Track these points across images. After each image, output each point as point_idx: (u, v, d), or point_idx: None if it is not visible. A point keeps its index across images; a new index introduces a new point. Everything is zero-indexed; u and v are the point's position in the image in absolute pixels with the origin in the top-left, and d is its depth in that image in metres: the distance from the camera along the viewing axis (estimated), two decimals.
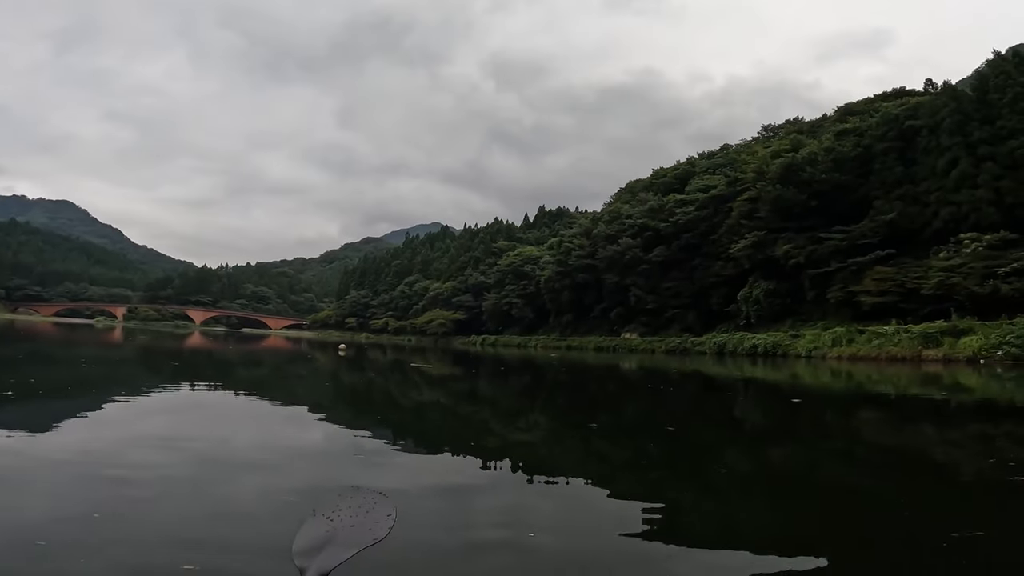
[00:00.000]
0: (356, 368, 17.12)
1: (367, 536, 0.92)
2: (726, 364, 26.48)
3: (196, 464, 3.78)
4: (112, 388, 8.35)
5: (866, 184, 38.46)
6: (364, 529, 0.94)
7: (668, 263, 52.11)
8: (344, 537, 0.91)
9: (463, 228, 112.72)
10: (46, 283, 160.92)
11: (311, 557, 0.85)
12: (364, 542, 0.90)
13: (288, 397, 8.88)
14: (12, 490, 2.95)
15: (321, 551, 0.86)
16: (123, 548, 2.30)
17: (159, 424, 5.44)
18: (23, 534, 2.38)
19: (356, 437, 5.33)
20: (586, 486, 3.93)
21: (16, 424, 4.77)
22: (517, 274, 72.52)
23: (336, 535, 0.92)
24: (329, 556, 0.85)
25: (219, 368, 14.42)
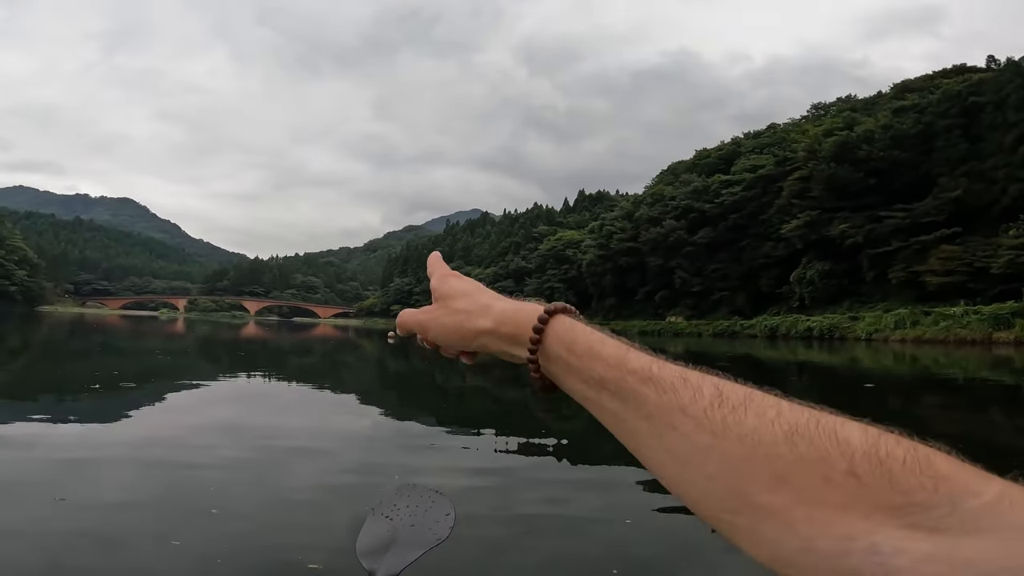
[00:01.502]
0: (401, 355, 17.48)
1: (430, 537, 0.91)
2: (779, 348, 25.61)
3: (250, 452, 3.90)
4: (181, 378, 8.81)
5: (928, 161, 36.68)
6: (425, 529, 0.93)
7: (714, 244, 50.81)
8: (406, 538, 0.91)
9: (503, 214, 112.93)
10: (112, 277, 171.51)
11: (378, 559, 0.85)
12: (428, 543, 0.90)
13: (339, 385, 9.13)
14: (87, 478, 3.11)
15: (387, 553, 0.86)
16: (189, 534, 2.39)
17: (221, 412, 5.69)
18: (96, 522, 2.50)
19: (400, 424, 5.42)
20: (631, 472, 3.85)
21: (97, 413, 5.08)
22: (558, 258, 72.21)
23: (398, 536, 0.91)
24: (396, 558, 0.85)
25: (275, 357, 14.99)
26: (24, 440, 3.99)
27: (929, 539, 0.24)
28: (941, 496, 0.24)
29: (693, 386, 0.31)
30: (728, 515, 0.29)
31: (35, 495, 2.73)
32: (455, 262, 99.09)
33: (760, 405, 0.30)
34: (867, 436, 0.27)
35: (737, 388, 0.31)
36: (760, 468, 0.28)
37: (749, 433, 0.29)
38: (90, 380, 7.56)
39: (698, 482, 0.30)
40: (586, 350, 0.35)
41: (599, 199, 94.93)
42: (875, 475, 0.25)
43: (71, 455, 3.60)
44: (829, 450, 0.27)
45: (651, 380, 0.32)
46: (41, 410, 5.41)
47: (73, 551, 2.19)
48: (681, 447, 0.30)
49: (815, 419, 0.28)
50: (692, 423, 0.30)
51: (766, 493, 0.27)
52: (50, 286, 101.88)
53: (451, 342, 0.45)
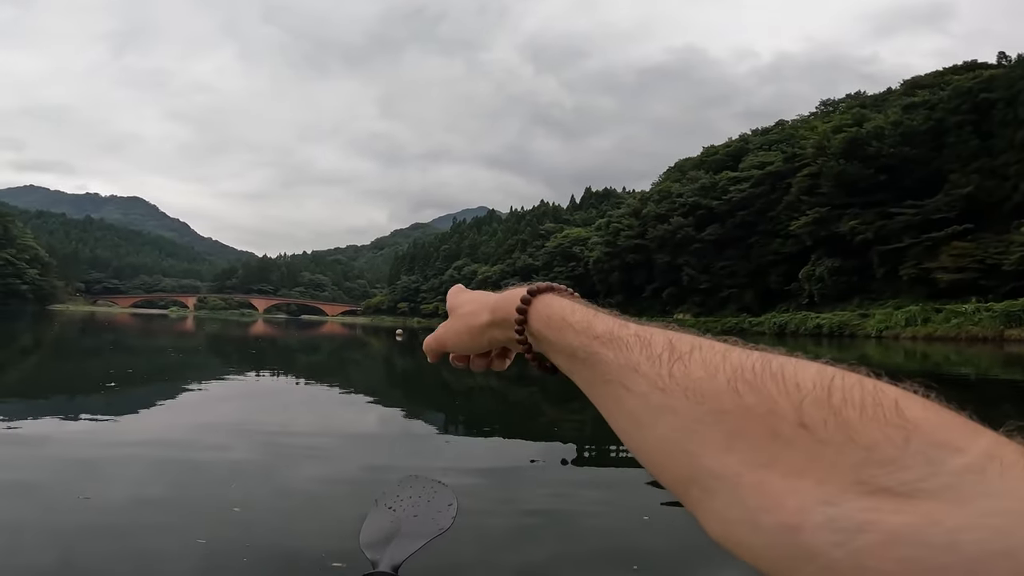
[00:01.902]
0: (408, 353, 17.53)
1: (432, 527, 0.92)
2: (788, 345, 25.19)
3: (262, 449, 3.92)
4: (193, 375, 8.88)
5: (939, 158, 36.43)
6: (428, 519, 0.94)
7: (722, 241, 50.58)
8: (409, 528, 0.91)
9: (509, 211, 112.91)
10: (122, 276, 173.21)
11: (381, 549, 0.85)
12: (430, 533, 0.90)
13: (346, 383, 9.16)
14: (108, 476, 3.13)
15: (390, 543, 0.87)
16: (197, 531, 2.40)
17: (230, 410, 5.72)
18: (109, 517, 2.52)
19: (407, 421, 5.43)
20: (635, 471, 3.84)
21: (113, 411, 5.12)
22: (565, 256, 72.15)
23: (401, 526, 0.92)
24: (399, 548, 0.85)
25: (284, 355, 15.08)
26: (43, 438, 4.03)
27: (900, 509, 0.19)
28: (913, 452, 0.19)
29: (644, 341, 0.29)
30: (682, 485, 0.25)
31: (59, 494, 2.74)
32: (462, 259, 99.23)
33: (707, 353, 0.27)
34: (820, 379, 0.23)
35: (687, 338, 0.29)
36: (707, 426, 0.24)
37: (694, 385, 0.25)
38: (104, 378, 7.63)
39: (654, 447, 0.27)
40: (559, 322, 0.35)
41: (606, 196, 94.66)
42: (828, 426, 0.21)
43: (91, 453, 3.63)
44: (776, 398, 0.23)
45: (611, 341, 0.30)
46: (57, 408, 5.47)
47: (102, 549, 2.20)
48: (636, 408, 0.27)
49: (764, 362, 0.25)
50: (644, 381, 0.27)
51: (715, 455, 0.24)
52: (61, 285, 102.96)
53: (466, 345, 0.46)
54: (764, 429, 0.22)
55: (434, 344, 0.49)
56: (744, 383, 0.24)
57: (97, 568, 2.05)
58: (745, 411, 0.23)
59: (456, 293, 0.49)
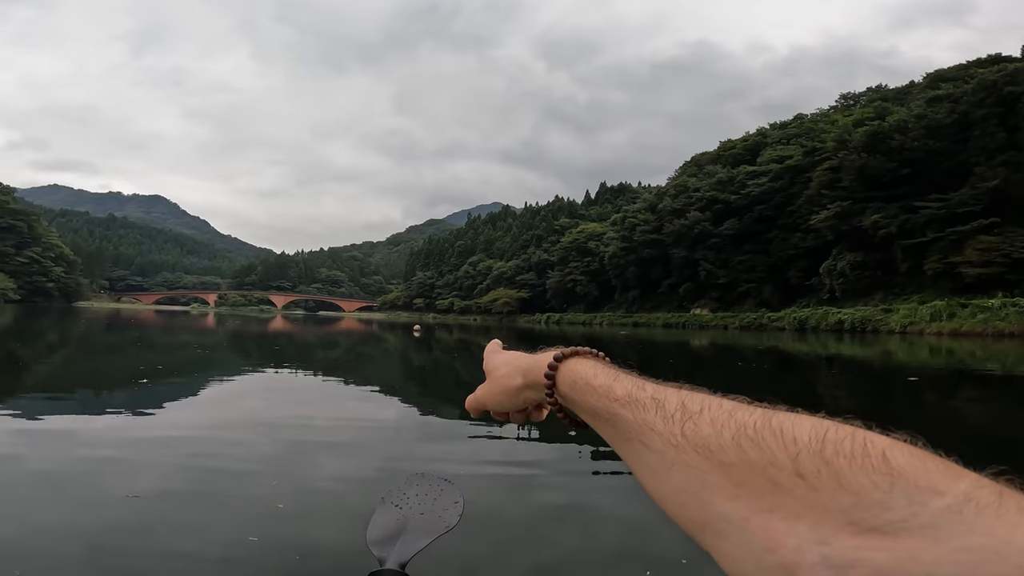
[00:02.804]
0: (425, 348, 17.61)
1: (439, 524, 0.92)
2: (808, 340, 25.07)
3: (282, 445, 3.96)
4: (217, 372, 9.05)
5: (964, 151, 35.66)
6: (434, 517, 0.94)
7: (740, 236, 50.03)
8: (416, 526, 0.92)
9: (524, 207, 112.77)
10: (145, 273, 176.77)
11: (388, 547, 0.85)
12: (437, 530, 0.91)
13: (363, 378, 9.23)
14: (126, 469, 3.19)
15: (397, 541, 0.87)
16: (219, 526, 2.43)
17: (250, 405, 5.80)
18: (133, 512, 2.55)
19: (423, 417, 5.44)
20: None
21: (145, 406, 5.22)
22: (580, 251, 71.89)
23: (408, 524, 0.92)
24: (405, 546, 0.86)
25: (303, 350, 15.25)
26: (89, 435, 4.12)
27: (885, 547, 0.22)
28: (896, 495, 0.22)
29: (659, 403, 0.32)
30: (698, 528, 0.28)
31: (108, 492, 2.78)
32: (477, 255, 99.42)
33: (715, 412, 0.30)
34: (815, 432, 0.26)
35: (698, 398, 0.32)
36: (716, 477, 0.28)
37: (703, 442, 0.29)
38: (137, 374, 7.80)
39: (671, 496, 0.30)
40: (583, 386, 0.38)
41: (621, 191, 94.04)
42: (822, 475, 0.24)
43: (129, 449, 3.70)
44: (775, 451, 0.26)
45: (630, 404, 0.34)
46: (93, 404, 5.58)
47: (133, 546, 2.23)
48: (654, 462, 0.31)
49: (765, 419, 0.28)
50: (660, 439, 0.31)
51: (724, 503, 0.27)
52: (86, 282, 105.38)
53: (504, 405, 0.50)
54: (765, 479, 0.26)
55: (475, 404, 0.55)
56: (747, 439, 0.27)
57: (125, 564, 2.08)
58: (748, 464, 0.26)
59: (491, 355, 0.54)
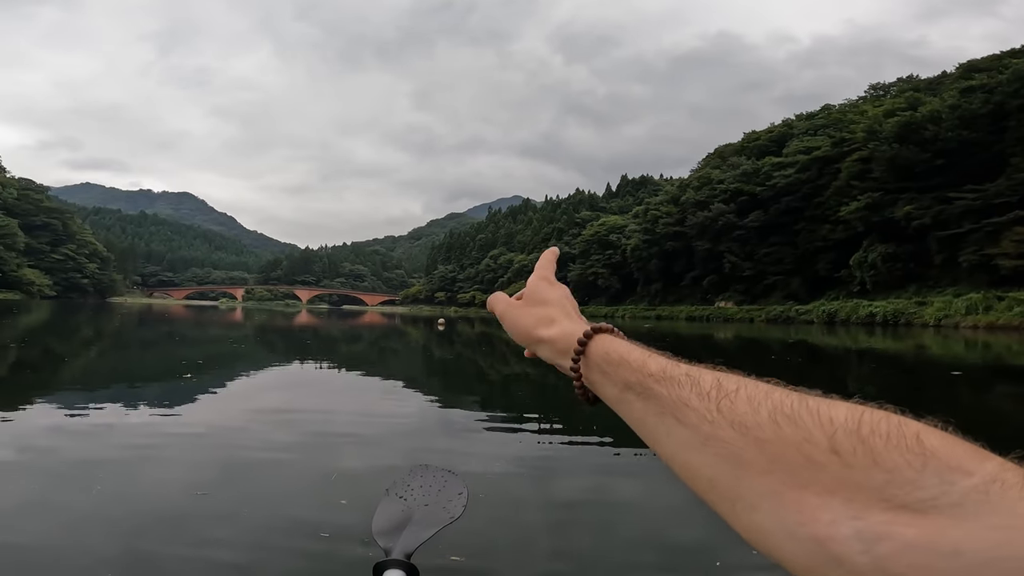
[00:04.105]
0: (447, 342, 17.71)
1: (443, 515, 0.93)
2: (838, 334, 24.51)
3: (305, 437, 4.03)
4: (247, 366, 9.27)
5: (1000, 141, 34.44)
6: (439, 508, 0.95)
7: (766, 228, 49.11)
8: (421, 517, 0.92)
9: (544, 200, 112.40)
10: (175, 269, 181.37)
11: (394, 538, 0.86)
12: (441, 521, 0.91)
13: (387, 371, 9.32)
14: (161, 462, 3.28)
15: (402, 532, 0.88)
16: (244, 517, 2.49)
17: (276, 399, 5.91)
18: (163, 504, 2.62)
19: (444, 411, 5.47)
20: None
21: (179, 399, 5.37)
22: (602, 244, 71.45)
23: (413, 515, 0.93)
24: (411, 536, 0.87)
25: (328, 344, 15.48)
26: (128, 429, 4.25)
27: (915, 523, 0.23)
28: (928, 474, 0.23)
29: (694, 380, 0.33)
30: (728, 504, 0.30)
31: (143, 484, 2.84)
32: (498, 248, 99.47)
33: (751, 390, 0.31)
34: (851, 413, 0.27)
35: (733, 378, 0.32)
36: (751, 453, 0.28)
37: (739, 418, 0.30)
38: (181, 368, 8.04)
39: (703, 472, 0.31)
40: (617, 358, 0.39)
41: (643, 184, 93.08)
42: (857, 452, 0.25)
43: (170, 444, 3.80)
44: (811, 429, 0.27)
45: (664, 380, 0.34)
46: (136, 399, 5.75)
47: (187, 538, 2.30)
48: (687, 439, 0.32)
49: (801, 400, 0.29)
50: (694, 415, 0.31)
51: (759, 477, 0.28)
52: (119, 278, 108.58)
53: (515, 337, 0.51)
54: (800, 455, 0.27)
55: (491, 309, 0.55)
56: (783, 416, 0.28)
57: (158, 553, 2.14)
58: (784, 440, 0.27)
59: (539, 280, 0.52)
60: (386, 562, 0.81)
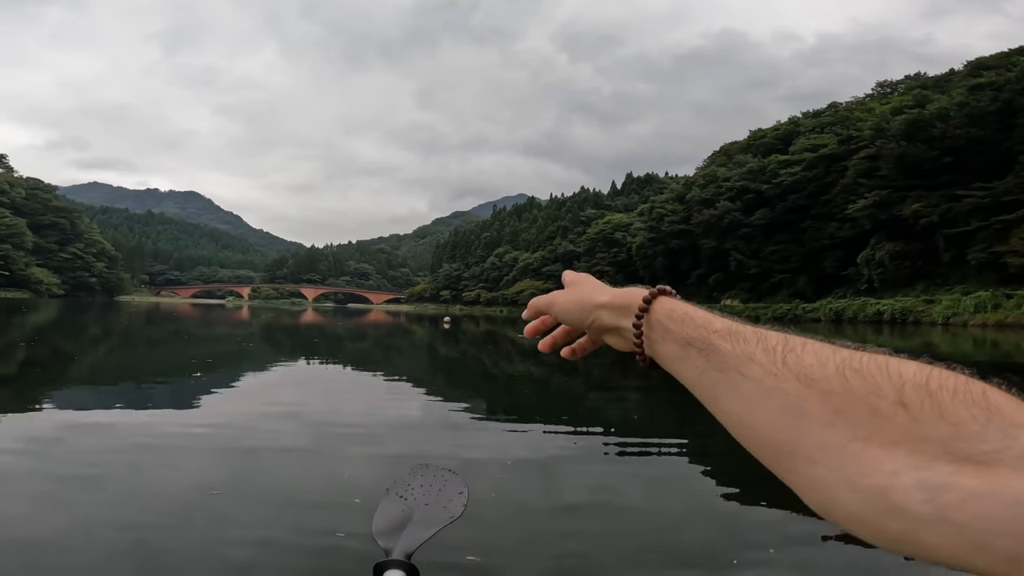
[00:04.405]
0: (451, 340, 17.74)
1: (443, 515, 0.93)
2: (846, 332, 24.38)
3: (311, 435, 4.06)
4: (254, 364, 9.35)
5: (1008, 139, 34.19)
6: (439, 508, 0.95)
7: (772, 226, 48.87)
8: (421, 516, 0.92)
9: (549, 198, 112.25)
10: (182, 267, 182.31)
11: (394, 538, 0.86)
12: (441, 521, 0.91)
13: (391, 370, 9.35)
14: (169, 461, 3.30)
15: (402, 532, 0.88)
16: (249, 518, 2.51)
17: (283, 396, 5.95)
18: (172, 503, 2.64)
19: (450, 409, 5.47)
20: (679, 460, 3.73)
21: (187, 398, 5.40)
22: (607, 242, 71.34)
23: (413, 515, 0.93)
24: (411, 536, 0.87)
25: (333, 343, 15.53)
26: (136, 428, 4.28)
27: (978, 475, 0.23)
28: (993, 429, 0.24)
29: (761, 336, 0.34)
30: (787, 457, 0.30)
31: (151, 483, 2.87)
32: (503, 246, 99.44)
33: (818, 347, 0.32)
34: (920, 369, 0.27)
35: (800, 337, 0.33)
36: (815, 404, 0.29)
37: (805, 371, 0.30)
38: (190, 367, 8.07)
39: (764, 423, 0.31)
40: (682, 315, 0.40)
41: (648, 182, 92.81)
42: (924, 405, 0.25)
43: (178, 443, 3.82)
44: (880, 382, 0.27)
45: (730, 335, 0.35)
46: (145, 398, 5.79)
47: (193, 537, 2.31)
48: (750, 391, 0.32)
49: (870, 357, 0.29)
50: (759, 368, 0.32)
51: (821, 429, 0.28)
52: (127, 277, 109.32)
53: (572, 314, 0.50)
54: (866, 407, 0.27)
55: (541, 303, 0.53)
56: (851, 370, 0.28)
57: (165, 548, 2.15)
58: (850, 392, 0.28)
59: (579, 274, 0.54)
60: (386, 562, 0.81)
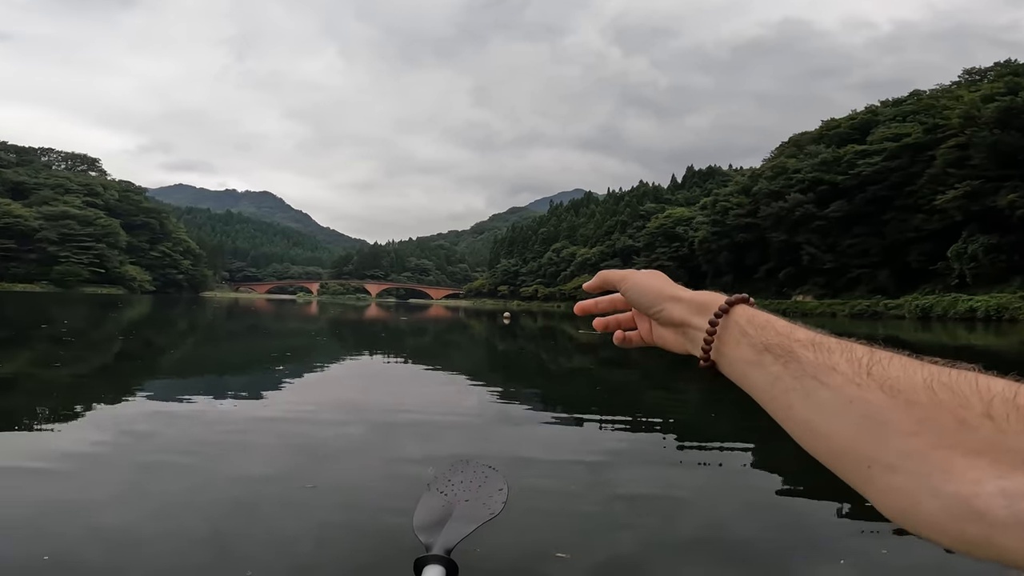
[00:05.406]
0: (511, 335, 17.87)
1: (483, 511, 0.93)
2: (934, 330, 22.63)
3: (371, 428, 4.19)
4: (325, 357, 9.79)
5: None
6: (479, 504, 0.95)
7: (849, 218, 46.05)
8: (461, 512, 0.92)
9: (606, 193, 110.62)
10: (258, 264, 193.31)
11: (434, 533, 0.87)
12: (481, 517, 0.91)
13: (450, 364, 9.54)
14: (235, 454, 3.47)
15: (443, 527, 0.88)
16: (307, 505, 2.62)
17: (349, 389, 6.21)
18: (242, 491, 2.80)
19: (506, 404, 5.51)
20: (743, 456, 3.59)
21: (264, 389, 5.75)
22: (668, 236, 69.59)
23: (453, 510, 0.93)
24: (451, 532, 0.87)
25: (395, 337, 16.02)
26: (217, 417, 4.61)
27: None
28: None
29: (846, 348, 0.34)
30: (864, 463, 0.30)
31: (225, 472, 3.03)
32: (560, 241, 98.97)
33: (906, 360, 0.32)
34: (1008, 385, 0.28)
35: (886, 351, 0.33)
36: (899, 414, 0.29)
37: (891, 382, 0.30)
38: (270, 360, 8.57)
39: (840, 433, 0.31)
40: (763, 322, 0.40)
41: (710, 174, 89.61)
42: (1011, 418, 0.26)
43: (251, 433, 4.09)
44: (968, 395, 0.28)
45: (812, 345, 0.35)
46: (226, 388, 6.21)
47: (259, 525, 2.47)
48: (828, 401, 0.32)
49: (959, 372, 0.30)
50: (840, 378, 0.32)
51: (904, 438, 0.29)
52: (210, 273, 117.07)
53: (644, 296, 0.50)
54: (952, 418, 0.28)
55: (614, 277, 0.53)
56: (939, 383, 0.29)
57: (238, 532, 2.29)
58: (937, 403, 0.28)
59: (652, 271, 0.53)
60: (426, 557, 0.81)
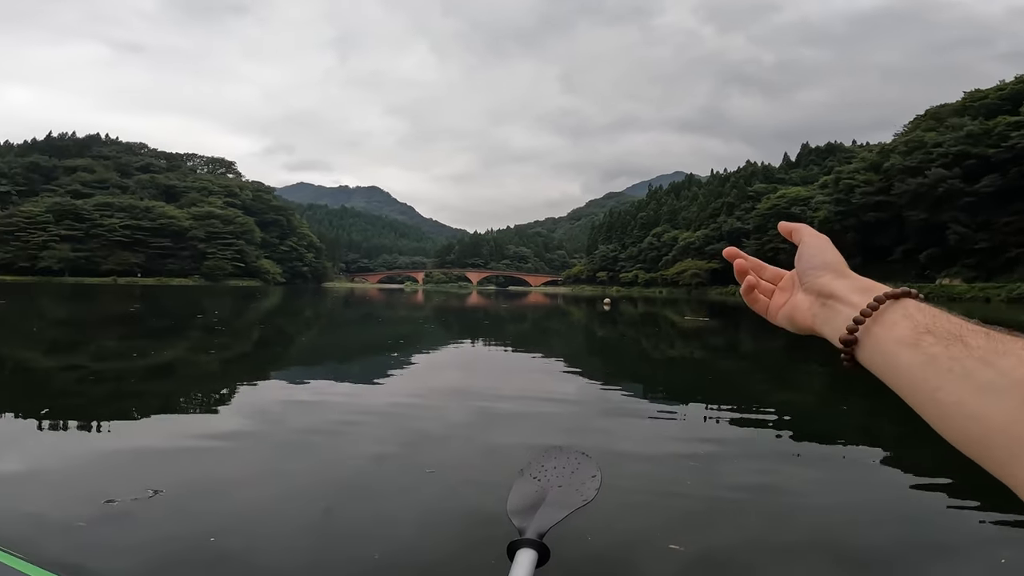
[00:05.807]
0: (609, 322, 17.72)
1: (576, 497, 0.94)
2: None
3: (472, 413, 4.37)
4: (432, 343, 10.41)
5: None
6: (572, 490, 0.97)
7: (1004, 193, 40.14)
8: (554, 498, 0.94)
9: (709, 174, 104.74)
10: (370, 256, 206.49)
11: (527, 518, 0.88)
12: (574, 503, 0.92)
13: (549, 351, 9.70)
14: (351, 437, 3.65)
15: (536, 512, 0.89)
16: (410, 487, 2.84)
17: (453, 375, 6.55)
18: (352, 476, 3.00)
19: (605, 392, 5.54)
20: (866, 452, 3.40)
21: (375, 375, 6.32)
22: (782, 217, 63.56)
23: (546, 496, 0.95)
24: (544, 517, 0.88)
25: (496, 324, 16.52)
26: (333, 402, 5.10)
27: None
28: None
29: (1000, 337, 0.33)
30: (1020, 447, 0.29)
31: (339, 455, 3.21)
32: (661, 226, 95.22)
33: None
34: None
35: None
36: None
37: None
38: (385, 347, 9.33)
39: (998, 415, 0.30)
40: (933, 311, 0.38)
41: (830, 151, 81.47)
42: None
43: (361, 418, 4.49)
44: None
45: (985, 334, 0.34)
46: (344, 374, 6.81)
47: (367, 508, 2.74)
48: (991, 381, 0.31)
49: None
50: (1015, 360, 0.31)
51: None
52: (329, 265, 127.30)
53: (811, 257, 0.48)
54: None
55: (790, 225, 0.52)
56: None
57: (349, 512, 2.55)
58: None
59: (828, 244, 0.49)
60: (519, 541, 0.83)
